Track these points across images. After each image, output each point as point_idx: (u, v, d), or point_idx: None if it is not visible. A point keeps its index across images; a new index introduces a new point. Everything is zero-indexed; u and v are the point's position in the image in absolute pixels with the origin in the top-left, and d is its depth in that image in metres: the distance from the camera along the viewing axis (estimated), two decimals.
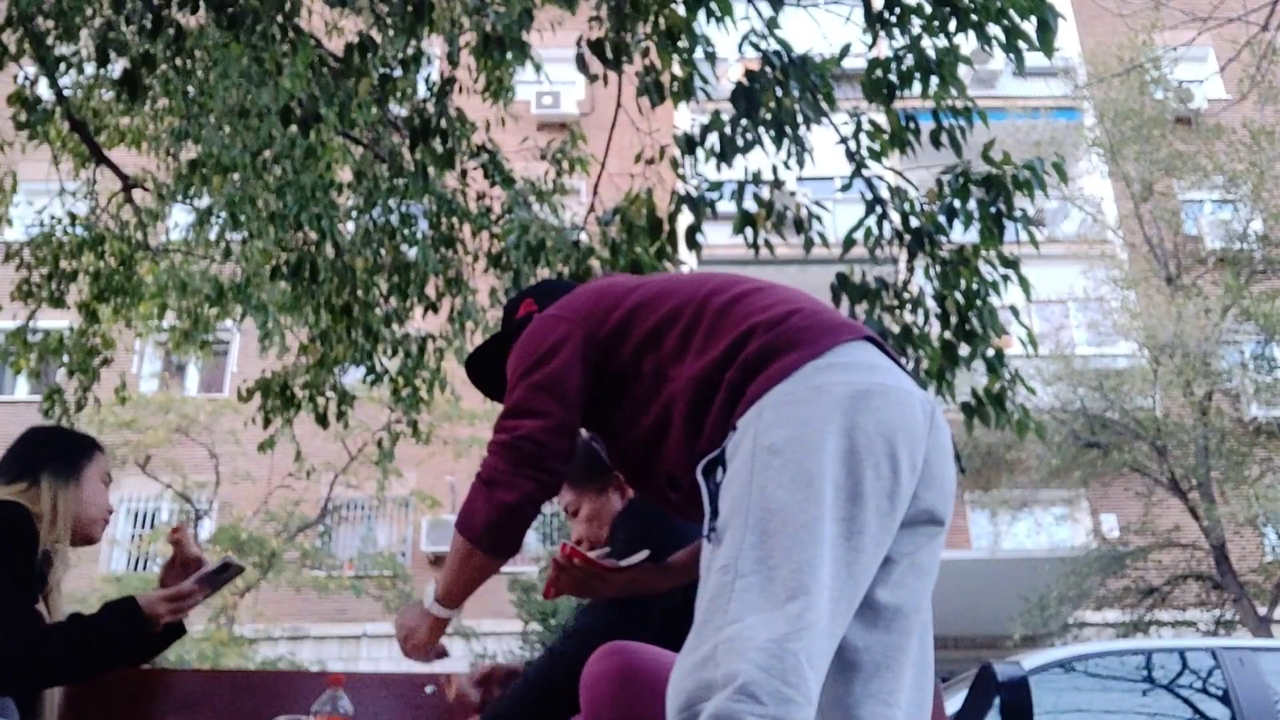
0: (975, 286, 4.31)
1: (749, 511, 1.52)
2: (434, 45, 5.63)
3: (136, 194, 6.76)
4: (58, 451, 2.29)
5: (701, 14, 4.40)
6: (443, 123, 4.87)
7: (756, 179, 4.57)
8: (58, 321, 6.97)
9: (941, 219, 4.35)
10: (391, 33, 5.19)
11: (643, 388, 1.79)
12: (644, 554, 1.99)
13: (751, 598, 1.46)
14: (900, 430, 1.59)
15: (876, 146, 4.44)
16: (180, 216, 7.61)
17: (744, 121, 4.32)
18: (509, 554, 1.81)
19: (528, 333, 1.89)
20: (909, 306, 4.43)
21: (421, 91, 5.48)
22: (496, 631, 14.05)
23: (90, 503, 2.29)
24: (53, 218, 6.65)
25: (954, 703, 4.58)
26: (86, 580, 13.03)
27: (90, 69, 6.19)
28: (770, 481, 1.52)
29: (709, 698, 1.41)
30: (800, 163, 4.40)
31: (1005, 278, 4.32)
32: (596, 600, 2.20)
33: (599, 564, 1.93)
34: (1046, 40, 3.76)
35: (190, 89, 5.80)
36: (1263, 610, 12.17)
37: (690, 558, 1.98)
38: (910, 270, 4.50)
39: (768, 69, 4.28)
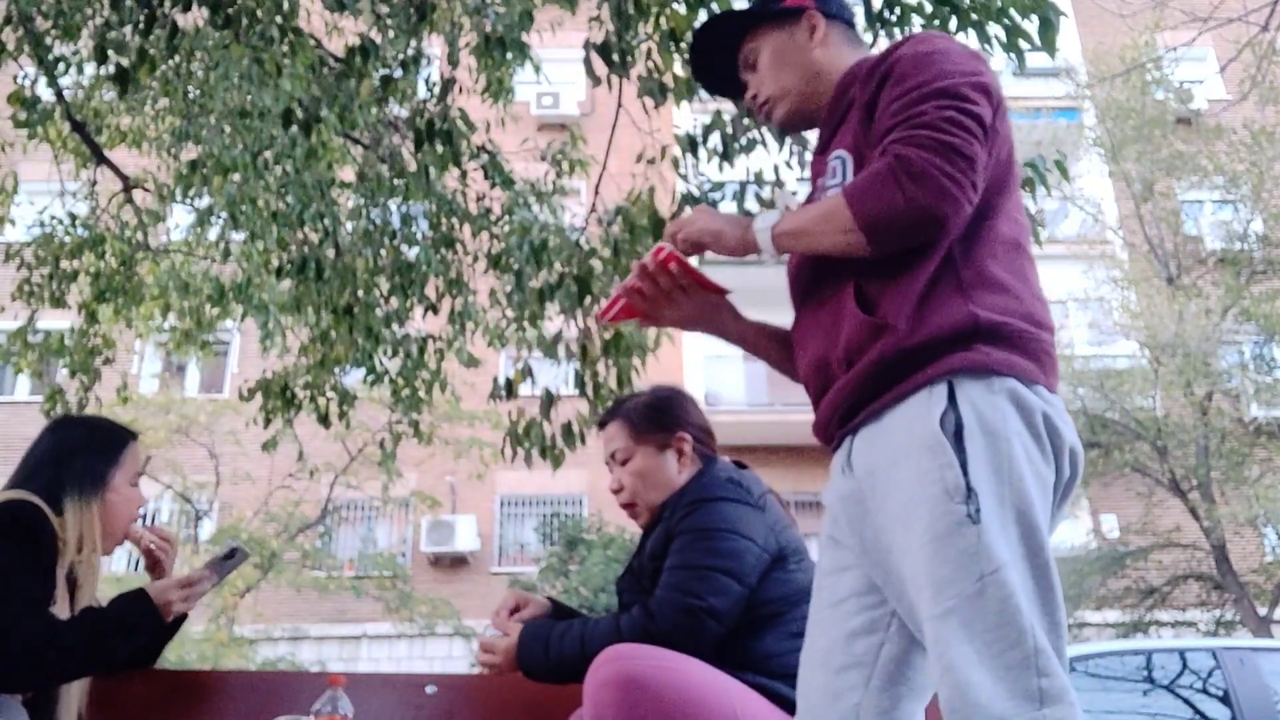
0: None
1: (1009, 502, 1.48)
2: (434, 46, 5.63)
3: (137, 194, 6.77)
4: (80, 464, 2.23)
5: (702, 14, 4.40)
6: (446, 125, 4.87)
7: (758, 179, 4.57)
8: (59, 322, 6.97)
9: None
10: (392, 34, 5.19)
11: None
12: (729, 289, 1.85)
13: (1039, 611, 1.45)
14: (1066, 493, 1.60)
15: None
16: (181, 217, 7.62)
17: (746, 121, 4.31)
18: (880, 252, 1.58)
19: (964, 51, 1.67)
20: None
21: (422, 92, 5.48)
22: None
23: (118, 514, 2.25)
24: (53, 218, 6.66)
25: None
26: None
27: (90, 69, 6.20)
28: (1026, 478, 1.50)
29: (1030, 709, 1.39)
30: (802, 163, 4.40)
31: None
32: (670, 597, 2.10)
33: (696, 274, 1.75)
34: (1049, 38, 3.74)
35: (191, 89, 5.80)
36: (1263, 610, 12.18)
37: (769, 335, 1.90)
38: None
39: None
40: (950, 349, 1.54)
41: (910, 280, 1.58)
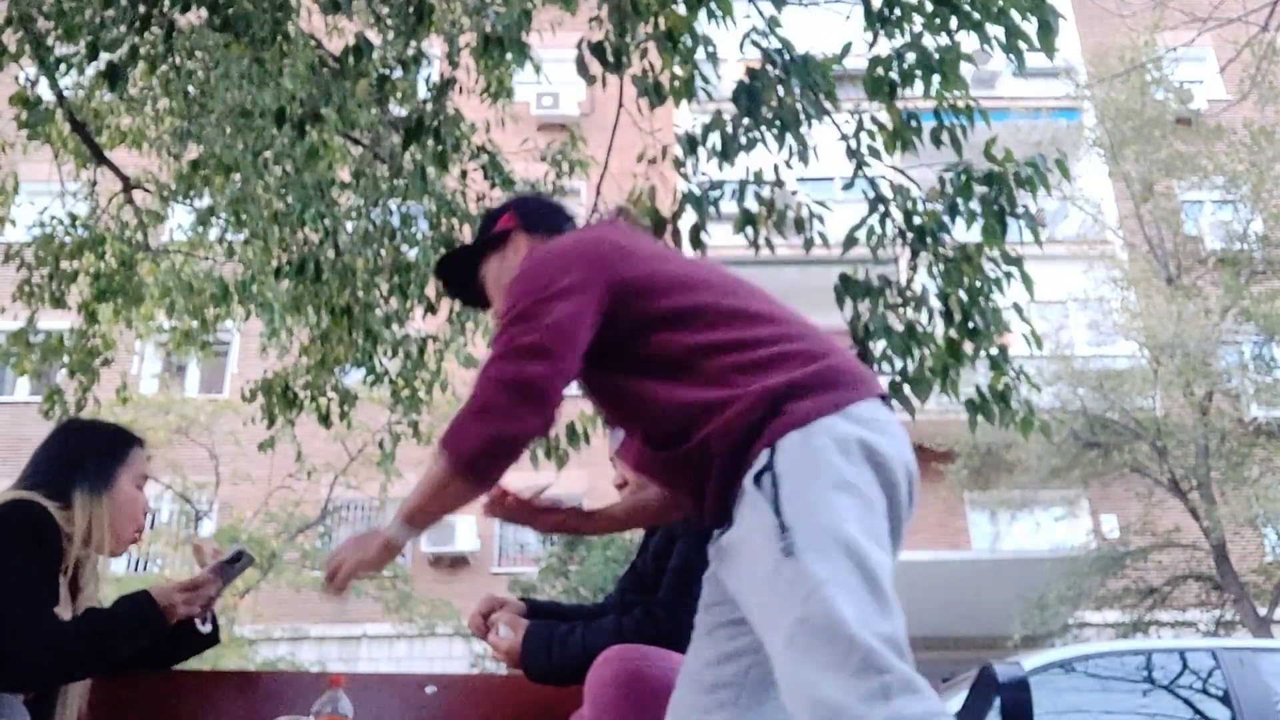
0: (978, 284, 4.30)
1: (823, 524, 1.55)
2: (434, 46, 5.62)
3: (137, 194, 6.76)
4: (91, 462, 2.26)
5: (702, 13, 4.40)
6: (438, 122, 4.86)
7: (758, 178, 4.56)
8: (59, 322, 6.97)
9: (944, 217, 4.34)
10: (391, 34, 5.19)
11: (657, 349, 1.74)
12: (574, 503, 2.06)
13: (872, 613, 1.50)
14: (903, 502, 1.68)
15: (878, 145, 4.43)
16: (182, 217, 7.62)
17: (746, 120, 4.31)
18: (489, 486, 1.78)
19: (540, 263, 1.81)
20: (912, 305, 4.42)
21: (422, 93, 5.48)
22: None
23: (122, 513, 2.26)
24: (54, 218, 6.65)
25: (954, 703, 4.58)
26: None
27: (90, 70, 6.20)
28: (837, 500, 1.57)
29: (881, 705, 1.44)
30: (804, 160, 4.39)
31: (1008, 275, 4.31)
32: (676, 597, 2.14)
33: (531, 505, 2.01)
34: (1047, 40, 3.76)
35: (191, 89, 5.79)
36: (1263, 611, 12.17)
37: (625, 515, 2.07)
38: (913, 268, 4.49)
39: (769, 67, 4.28)
40: (765, 422, 1.63)
41: (704, 407, 1.67)
